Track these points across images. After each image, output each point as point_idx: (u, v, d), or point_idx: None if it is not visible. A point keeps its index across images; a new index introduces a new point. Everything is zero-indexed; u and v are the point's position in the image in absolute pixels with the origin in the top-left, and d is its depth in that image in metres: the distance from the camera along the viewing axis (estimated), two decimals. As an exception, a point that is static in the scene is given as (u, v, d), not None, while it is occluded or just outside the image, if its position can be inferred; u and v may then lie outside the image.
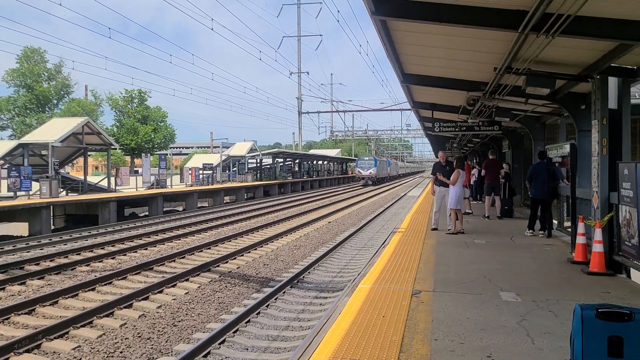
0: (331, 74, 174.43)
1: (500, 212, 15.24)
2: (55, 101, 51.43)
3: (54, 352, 6.92)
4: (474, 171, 19.37)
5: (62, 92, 51.80)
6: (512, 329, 4.99)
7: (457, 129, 16.64)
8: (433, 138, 33.62)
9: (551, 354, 4.29)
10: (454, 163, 12.73)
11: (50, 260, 13.04)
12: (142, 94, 55.12)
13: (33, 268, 12.14)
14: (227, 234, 17.80)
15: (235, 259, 13.41)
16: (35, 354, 6.87)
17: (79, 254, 14.00)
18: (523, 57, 7.91)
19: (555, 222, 12.02)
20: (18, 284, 10.58)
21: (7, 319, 8.20)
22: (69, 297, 9.52)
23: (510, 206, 15.54)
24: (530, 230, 11.69)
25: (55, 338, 7.30)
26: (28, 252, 14.73)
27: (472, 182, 18.90)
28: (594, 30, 6.39)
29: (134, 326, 8.02)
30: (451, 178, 12.07)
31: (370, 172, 60.76)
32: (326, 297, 9.92)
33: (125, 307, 8.87)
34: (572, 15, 5.77)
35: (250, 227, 19.67)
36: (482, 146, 26.22)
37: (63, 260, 13.07)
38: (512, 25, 6.48)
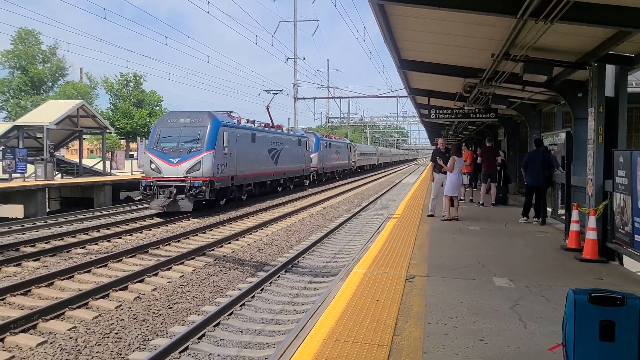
0: (327, 60, 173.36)
1: (494, 199, 15.29)
2: (50, 83, 51.07)
3: (49, 332, 6.95)
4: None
5: (57, 75, 51.42)
6: (504, 313, 5.04)
7: (453, 116, 16.63)
8: (429, 125, 33.64)
9: (543, 338, 4.34)
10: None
11: (46, 242, 13.02)
12: (137, 78, 54.74)
13: (28, 250, 12.13)
14: (222, 218, 17.80)
15: (230, 243, 13.44)
16: (31, 333, 6.89)
17: (75, 237, 13.97)
18: (521, 44, 7.88)
19: (549, 209, 12.09)
20: (14, 265, 10.57)
21: (2, 299, 8.22)
22: (64, 279, 9.53)
23: (505, 194, 15.60)
24: (525, 218, 11.76)
25: (51, 318, 7.32)
26: (23, 234, 14.71)
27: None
28: (592, 17, 6.36)
29: (130, 308, 8.05)
30: (448, 164, 12.09)
31: (191, 166, 18.53)
32: (320, 282, 9.97)
33: (120, 289, 8.90)
34: (572, 1, 5.75)
35: (245, 212, 19.67)
36: (477, 134, 26.24)
37: (58, 243, 13.06)
38: (511, 11, 6.44)
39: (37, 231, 15.18)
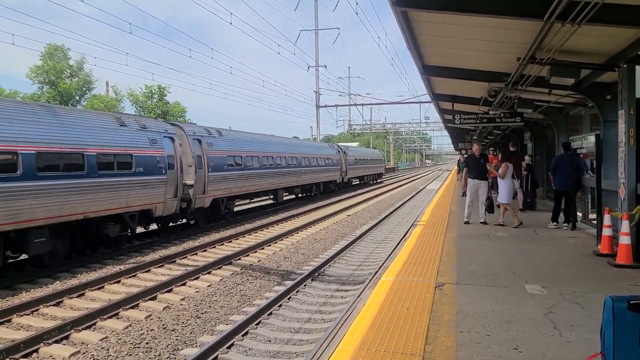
0: (349, 67, 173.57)
1: (522, 204, 15.07)
2: (78, 97, 52.11)
3: (82, 342, 7.06)
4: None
5: (84, 89, 52.48)
6: (538, 321, 4.94)
7: (478, 121, 16.45)
8: (452, 130, 33.37)
9: (580, 346, 4.24)
10: (497, 156, 12.63)
11: (77, 253, 13.23)
12: (161, 90, 55.58)
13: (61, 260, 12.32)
14: (247, 227, 17.90)
15: (256, 252, 13.49)
16: (64, 344, 7.02)
17: (105, 247, 14.17)
18: (547, 47, 7.78)
19: (579, 214, 11.85)
20: (46, 277, 10.78)
21: (36, 310, 8.39)
22: (95, 289, 9.69)
23: (533, 198, 15.34)
24: (554, 223, 11.54)
25: (83, 329, 7.45)
26: (54, 245, 14.98)
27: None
28: (621, 18, 6.27)
29: (159, 318, 8.13)
30: (500, 171, 11.99)
31: None
32: (347, 290, 9.93)
33: (150, 299, 9.01)
34: (600, 3, 5.66)
35: (270, 220, 19.74)
36: (502, 138, 25.93)
37: (89, 253, 13.27)
38: (537, 14, 6.38)
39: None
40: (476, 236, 10.48)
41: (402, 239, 12.96)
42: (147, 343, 7.07)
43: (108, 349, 6.81)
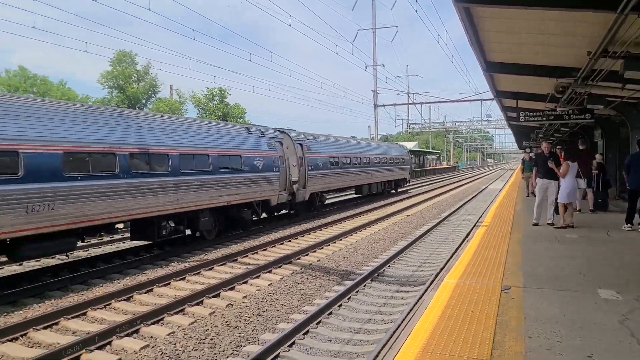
0: (407, 66, 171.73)
1: (593, 205, 14.37)
2: (144, 101, 54.38)
3: (151, 336, 7.35)
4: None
5: (150, 92, 54.70)
6: (614, 328, 4.70)
7: (544, 119, 15.83)
8: (516, 128, 32.30)
9: (660, 356, 3.99)
10: (561, 154, 12.19)
11: (146, 251, 13.81)
12: (222, 92, 57.05)
13: (130, 257, 12.92)
14: (305, 227, 18.05)
15: (315, 251, 13.58)
16: (135, 337, 7.33)
17: (171, 246, 14.71)
18: (621, 40, 7.38)
19: (657, 215, 11.16)
20: (116, 273, 11.32)
21: (108, 304, 8.82)
22: (162, 286, 10.07)
23: (605, 199, 14.59)
24: (629, 224, 10.93)
25: (152, 323, 7.75)
26: (123, 242, 15.70)
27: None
28: None
29: (222, 315, 8.34)
30: (561, 170, 11.56)
31: None
32: (407, 291, 9.82)
33: (213, 296, 9.26)
34: (681, -9, 5.32)
35: (328, 221, 19.82)
36: (570, 136, 24.84)
37: (156, 251, 13.81)
38: (610, 6, 6.07)
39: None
40: (543, 238, 10.10)
41: (464, 240, 12.70)
42: (211, 339, 7.27)
43: (175, 344, 7.06)
